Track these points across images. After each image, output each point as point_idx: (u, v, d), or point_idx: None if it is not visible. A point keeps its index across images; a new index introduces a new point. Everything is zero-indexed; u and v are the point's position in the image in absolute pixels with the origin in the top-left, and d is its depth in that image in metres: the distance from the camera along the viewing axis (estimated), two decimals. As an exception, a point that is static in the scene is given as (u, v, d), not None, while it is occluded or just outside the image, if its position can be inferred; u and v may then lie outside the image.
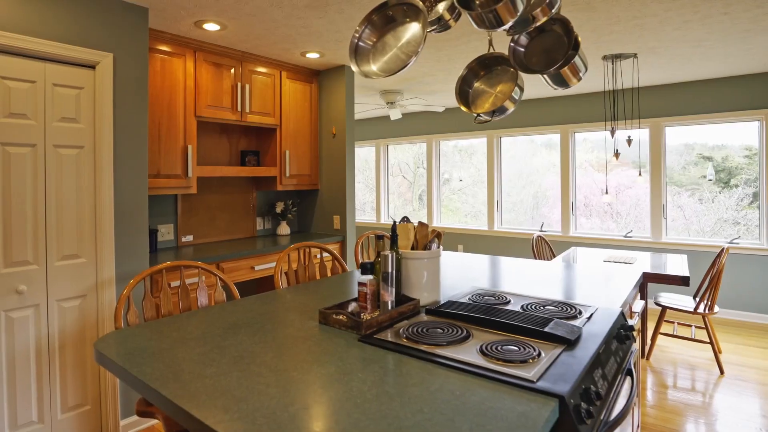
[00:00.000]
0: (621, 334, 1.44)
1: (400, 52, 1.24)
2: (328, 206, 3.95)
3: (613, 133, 3.53)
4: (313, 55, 3.44)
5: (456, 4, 1.11)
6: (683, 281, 3.04)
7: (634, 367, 1.67)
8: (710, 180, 4.47)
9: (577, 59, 1.61)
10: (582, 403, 1.00)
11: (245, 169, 3.39)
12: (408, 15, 1.23)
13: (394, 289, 1.48)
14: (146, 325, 1.48)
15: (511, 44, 1.53)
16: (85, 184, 2.30)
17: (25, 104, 2.10)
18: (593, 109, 5.06)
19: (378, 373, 1.08)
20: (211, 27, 2.78)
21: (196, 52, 3.04)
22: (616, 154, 3.61)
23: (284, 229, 3.88)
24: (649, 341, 3.87)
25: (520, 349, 1.19)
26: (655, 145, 4.70)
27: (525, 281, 2.04)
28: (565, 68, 1.61)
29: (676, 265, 3.38)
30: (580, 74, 1.66)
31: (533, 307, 1.58)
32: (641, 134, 4.85)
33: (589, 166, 5.24)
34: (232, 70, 3.26)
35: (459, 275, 2.19)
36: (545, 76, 1.65)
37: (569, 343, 1.24)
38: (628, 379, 1.39)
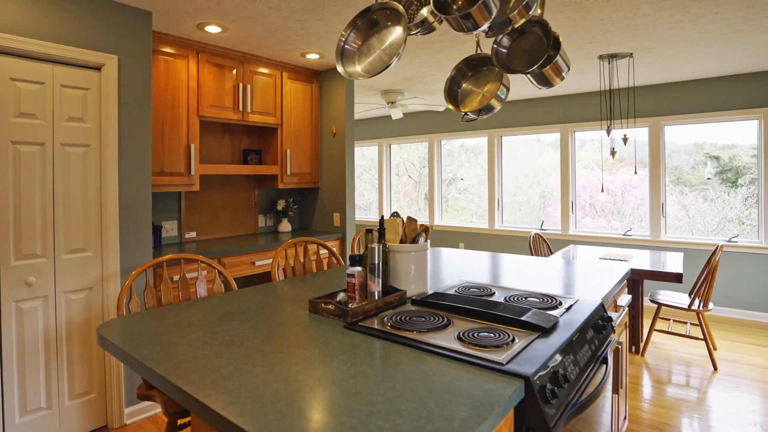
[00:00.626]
0: (598, 324, 1.50)
1: (383, 53, 1.31)
2: (328, 204, 4.02)
3: (608, 132, 3.57)
4: (313, 56, 3.52)
5: (433, 8, 1.18)
6: (677, 278, 3.08)
7: (613, 355, 1.72)
8: (708, 179, 4.48)
9: (559, 59, 1.66)
10: (548, 385, 1.06)
11: (246, 167, 3.48)
12: (390, 19, 1.29)
13: (380, 280, 1.55)
14: (146, 313, 1.56)
15: (494, 46, 1.59)
16: (91, 181, 2.40)
17: (35, 105, 2.20)
18: (593, 108, 5.09)
19: (359, 356, 1.15)
20: (212, 29, 2.87)
21: (199, 54, 3.14)
22: (612, 153, 3.65)
23: (285, 226, 3.96)
24: (644, 338, 3.89)
25: (495, 335, 1.25)
26: (654, 144, 4.72)
27: (515, 275, 2.10)
28: (548, 68, 1.67)
29: (672, 263, 3.41)
30: (563, 74, 1.71)
31: (516, 298, 1.64)
32: (641, 133, 4.87)
33: (596, 166, 5.26)
34: (234, 71, 3.35)
35: (452, 270, 2.26)
36: (529, 76, 1.71)
37: (544, 331, 1.30)
38: (603, 366, 1.44)
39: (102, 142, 2.42)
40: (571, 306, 1.55)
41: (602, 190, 3.78)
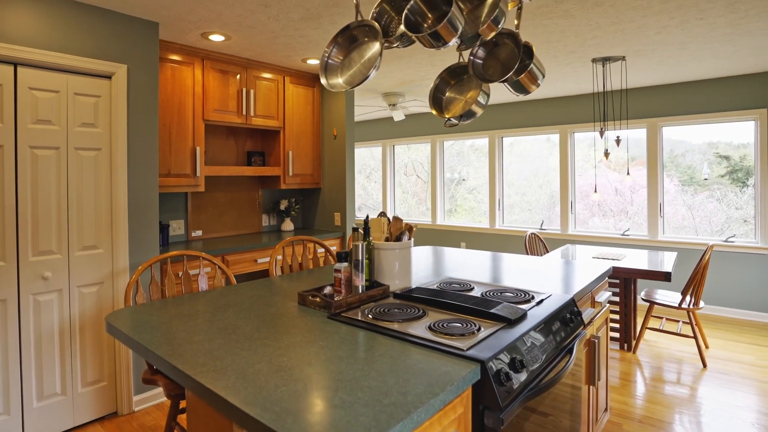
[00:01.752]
0: (566, 317, 1.60)
1: (362, 66, 1.43)
2: (329, 204, 4.16)
3: (602, 133, 3.64)
4: (313, 62, 3.65)
5: (405, 29, 1.30)
6: (665, 276, 3.15)
7: (588, 349, 1.82)
8: (705, 179, 4.51)
9: (533, 67, 1.77)
10: (504, 368, 1.18)
11: (250, 168, 3.63)
12: (368, 35, 1.42)
13: (363, 275, 1.67)
14: (150, 304, 1.71)
15: (470, 57, 1.71)
16: (102, 183, 2.56)
17: (50, 112, 2.37)
18: (592, 109, 5.14)
19: (336, 342, 1.28)
20: (216, 38, 3.02)
21: (204, 61, 3.29)
22: (606, 154, 3.72)
23: (288, 225, 4.11)
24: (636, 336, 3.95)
25: (463, 325, 1.37)
26: (651, 145, 4.76)
27: (502, 272, 2.21)
28: (523, 76, 1.78)
29: (666, 263, 3.48)
30: (539, 81, 1.82)
31: (491, 293, 1.75)
32: (636, 134, 4.91)
33: (605, 167, 5.30)
34: (238, 77, 3.50)
35: (448, 266, 2.37)
36: (506, 84, 1.82)
37: (509, 322, 1.41)
38: (568, 356, 1.55)
39: (112, 145, 2.58)
40: (542, 300, 1.66)
41: (595, 191, 3.85)
